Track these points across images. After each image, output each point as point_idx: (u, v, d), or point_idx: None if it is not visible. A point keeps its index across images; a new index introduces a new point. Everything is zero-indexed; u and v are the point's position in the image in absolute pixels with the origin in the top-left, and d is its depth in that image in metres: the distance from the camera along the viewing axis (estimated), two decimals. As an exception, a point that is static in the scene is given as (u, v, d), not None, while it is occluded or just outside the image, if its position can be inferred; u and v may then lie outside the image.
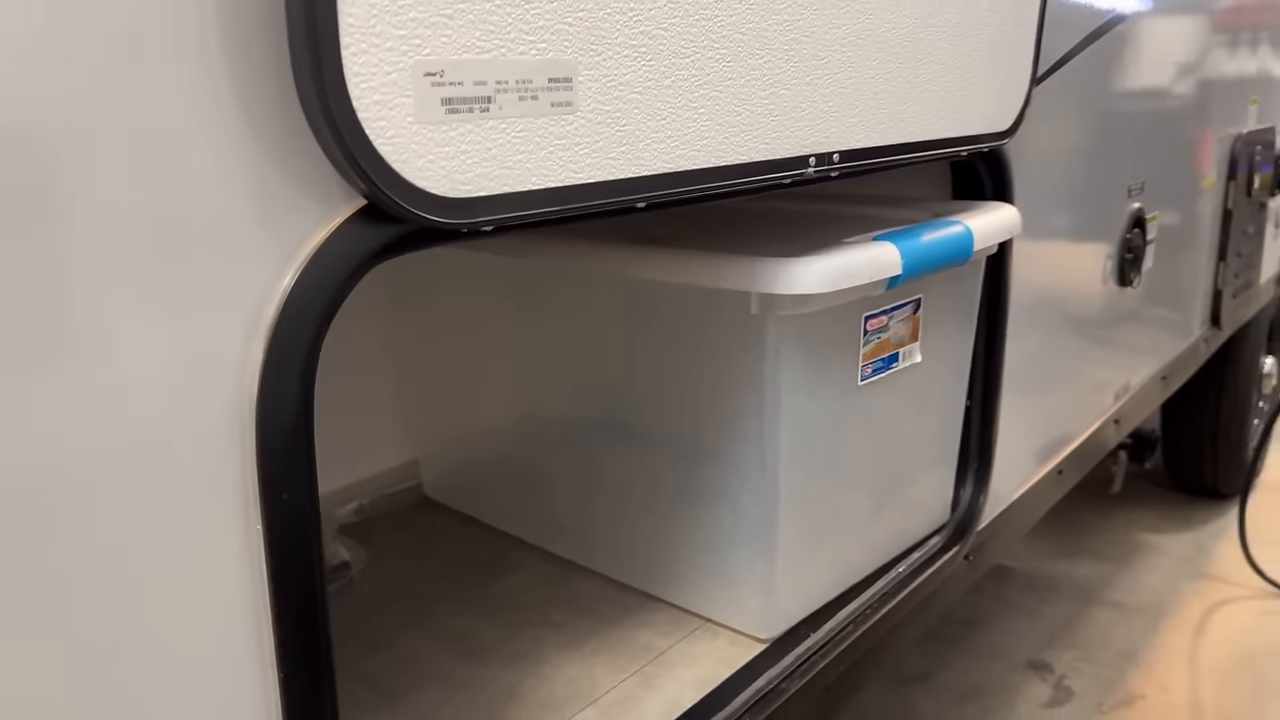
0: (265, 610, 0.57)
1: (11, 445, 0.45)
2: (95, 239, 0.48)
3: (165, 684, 0.54)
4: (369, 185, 0.56)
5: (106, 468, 0.50)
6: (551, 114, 0.64)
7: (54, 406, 0.47)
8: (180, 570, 0.54)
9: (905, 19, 0.97)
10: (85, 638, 0.49)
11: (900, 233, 1.08)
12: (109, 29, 0.47)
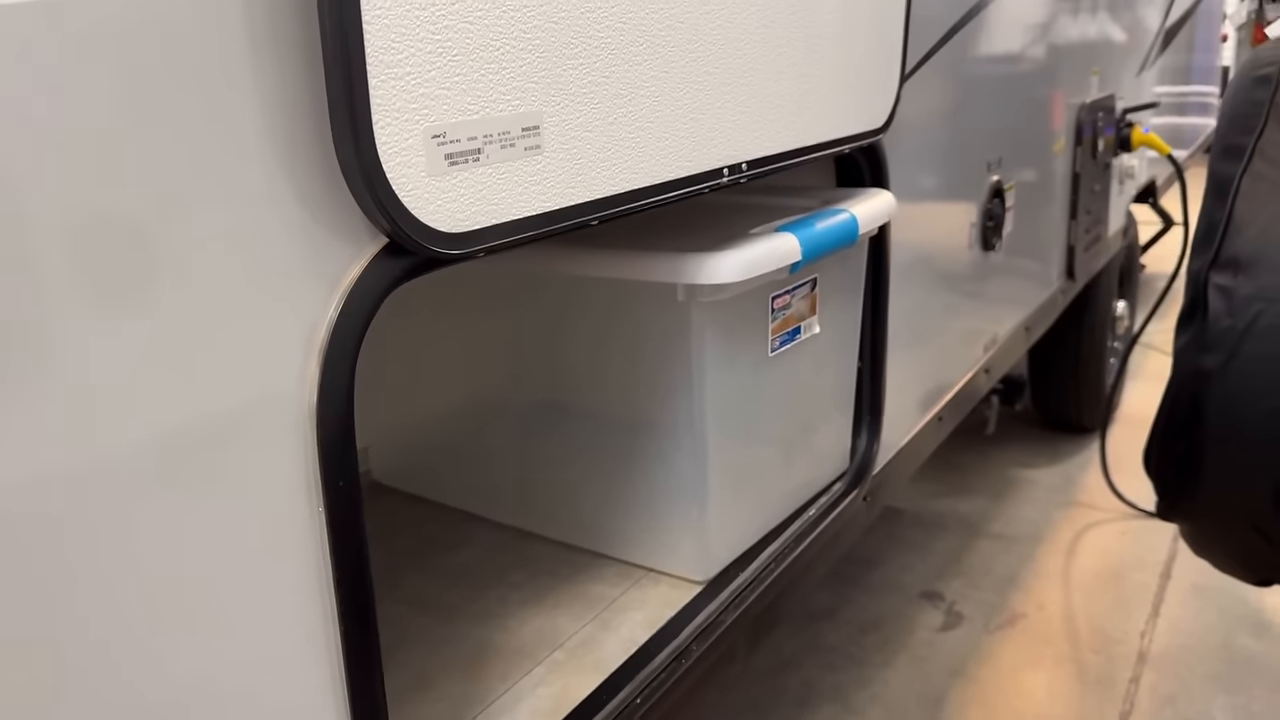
0: (328, 575, 0.72)
1: (150, 437, 0.58)
2: (201, 290, 0.62)
3: (253, 628, 0.68)
4: (393, 227, 0.70)
5: (210, 461, 0.64)
6: (525, 156, 0.79)
7: (178, 412, 0.60)
8: (265, 543, 0.68)
9: (794, 44, 1.15)
10: (197, 581, 0.63)
11: (798, 223, 1.26)
12: (196, 120, 0.60)
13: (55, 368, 0.54)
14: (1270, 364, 1.47)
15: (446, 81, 0.71)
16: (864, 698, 2.38)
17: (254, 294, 0.65)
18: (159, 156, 0.58)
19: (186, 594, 0.64)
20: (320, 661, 0.72)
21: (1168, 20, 3.60)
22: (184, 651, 0.64)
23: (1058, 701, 2.33)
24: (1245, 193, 1.51)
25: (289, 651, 0.70)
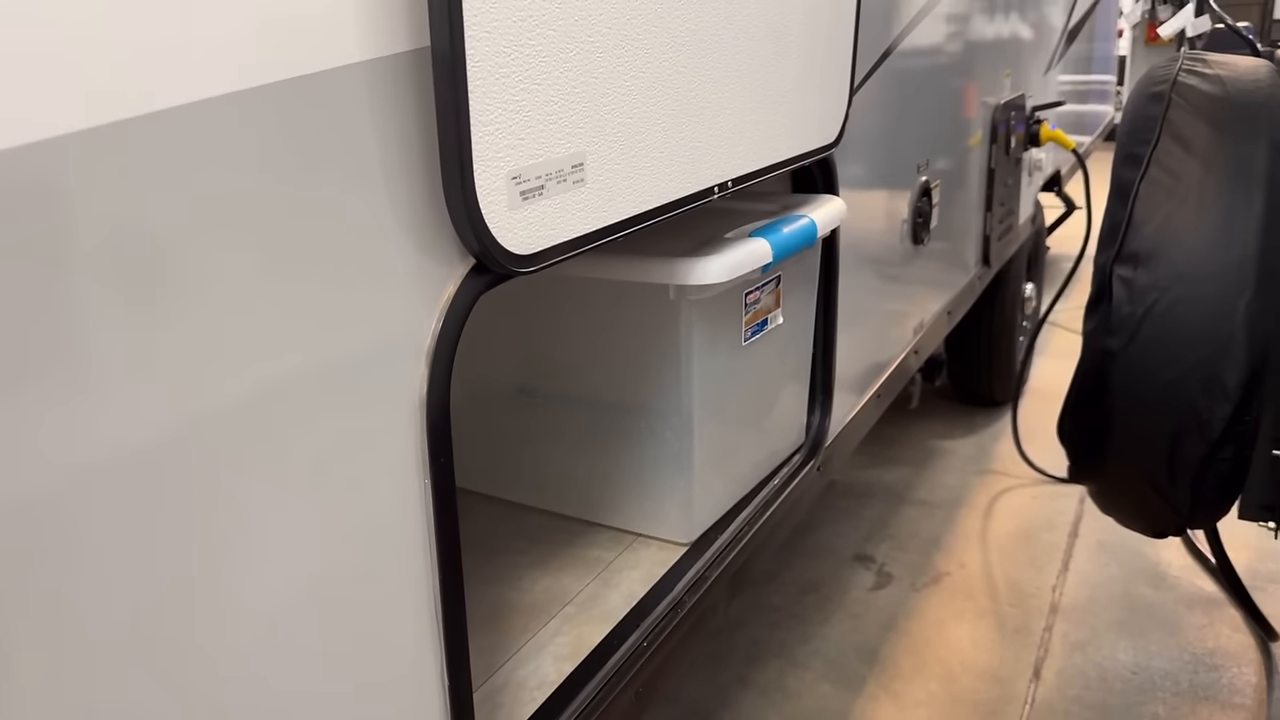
0: (432, 535, 0.89)
1: (313, 424, 0.75)
2: (344, 320, 0.78)
3: (377, 568, 0.85)
4: (483, 250, 0.87)
5: (348, 444, 0.81)
6: (574, 189, 0.97)
7: (332, 403, 0.77)
8: (388, 504, 0.85)
9: (768, 76, 1.33)
10: (341, 526, 0.80)
11: (767, 229, 1.46)
12: (345, 188, 0.76)
13: (278, 388, 0.70)
14: (1165, 344, 1.72)
15: (522, 134, 0.88)
16: (806, 652, 2.61)
17: (382, 320, 0.81)
18: (318, 212, 0.74)
19: (332, 538, 0.80)
20: (424, 598, 0.89)
21: (1070, 20, 3.89)
22: (328, 584, 0.80)
23: (980, 650, 2.59)
24: (1143, 196, 1.75)
25: (406, 587, 0.88)
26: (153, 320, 0.63)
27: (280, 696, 0.77)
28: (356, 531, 0.82)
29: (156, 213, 0.63)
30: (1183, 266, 1.69)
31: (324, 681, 0.81)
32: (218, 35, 0.65)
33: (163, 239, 0.64)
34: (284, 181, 0.71)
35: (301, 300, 0.74)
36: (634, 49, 1.02)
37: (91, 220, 0.59)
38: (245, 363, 0.70)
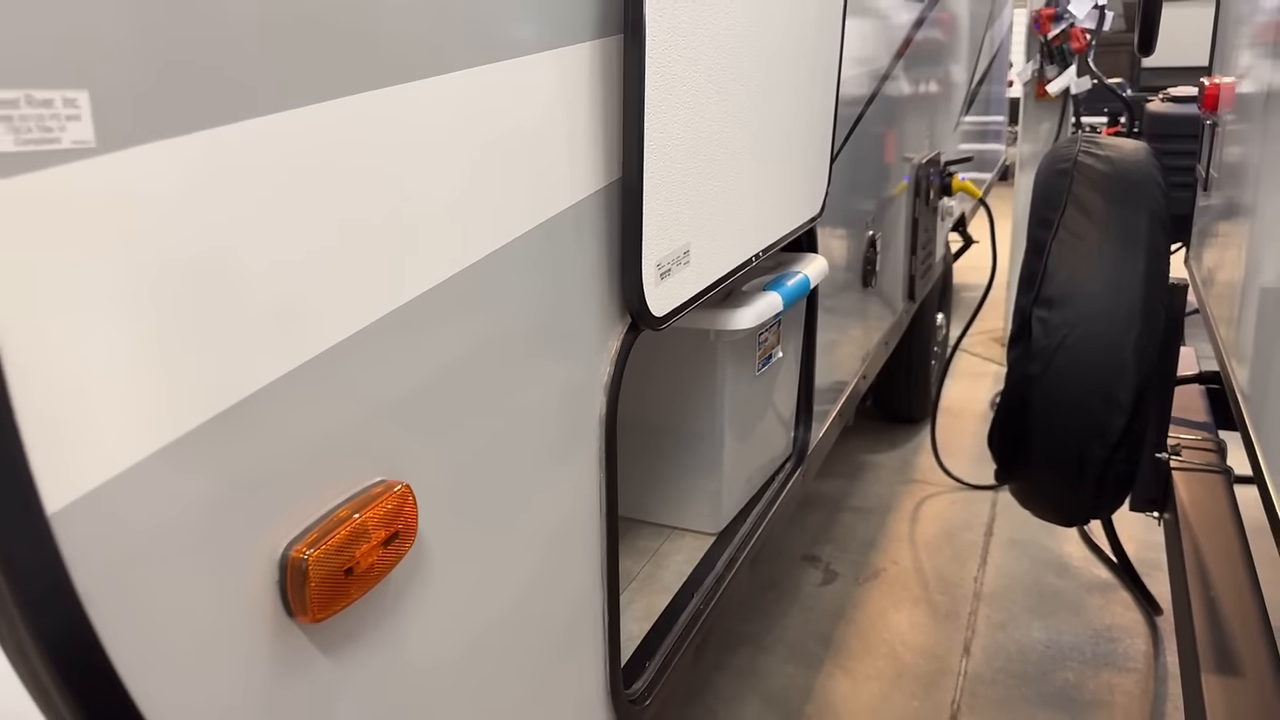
0: (604, 510, 1.28)
1: (544, 433, 1.14)
2: (570, 361, 1.17)
3: (571, 534, 1.24)
4: (639, 313, 1.27)
5: (563, 445, 1.20)
6: (684, 268, 1.37)
7: (570, 401, 1.16)
8: (581, 494, 1.24)
9: (787, 167, 1.77)
10: (553, 503, 1.19)
11: (776, 283, 1.89)
12: (558, 277, 1.15)
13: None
14: (1073, 370, 2.20)
15: (666, 235, 1.29)
16: (771, 639, 3.04)
17: (581, 365, 1.21)
18: (555, 297, 1.14)
19: (549, 511, 1.19)
20: (598, 553, 1.29)
21: (972, 84, 4.46)
22: (544, 543, 1.19)
23: (918, 633, 3.06)
24: (1055, 253, 2.24)
25: (588, 543, 1.27)
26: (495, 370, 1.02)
27: (500, 650, 1.15)
28: (564, 504, 1.21)
29: (492, 308, 1.02)
30: (1086, 309, 2.18)
31: (533, 636, 1.19)
32: (510, 199, 1.04)
33: (498, 318, 1.02)
34: (542, 279, 1.11)
35: (545, 355, 1.14)
36: (720, 166, 1.44)
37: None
38: (515, 395, 1.09)
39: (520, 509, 1.12)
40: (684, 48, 1.24)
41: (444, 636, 0.98)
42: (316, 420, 0.77)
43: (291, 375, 0.73)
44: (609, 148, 1.18)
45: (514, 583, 1.12)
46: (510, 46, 0.98)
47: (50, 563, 0.59)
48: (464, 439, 0.98)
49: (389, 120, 0.81)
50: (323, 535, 0.76)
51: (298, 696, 0.78)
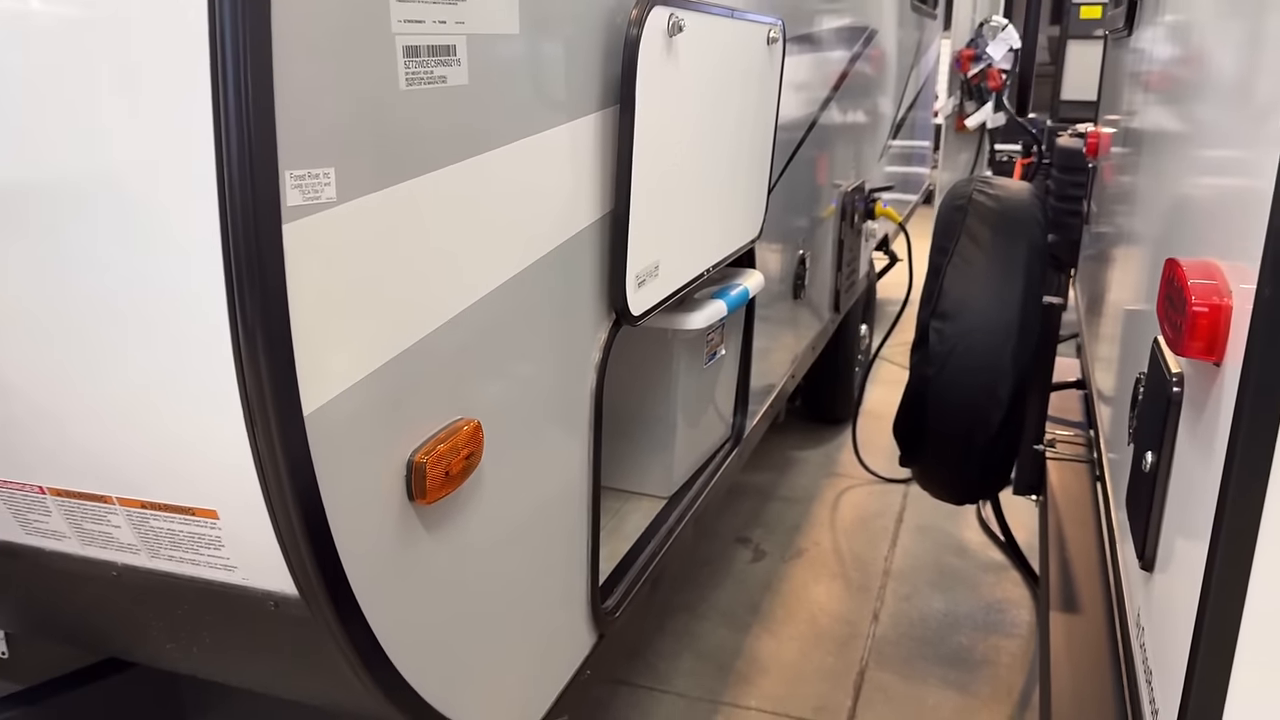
0: (591, 455, 1.72)
1: (555, 405, 1.57)
2: (572, 347, 1.61)
3: (565, 473, 1.67)
4: (622, 311, 1.71)
5: (568, 410, 1.63)
6: (655, 280, 1.82)
7: (564, 395, 1.59)
8: (578, 442, 1.68)
9: (732, 193, 2.22)
10: (556, 456, 1.62)
11: (721, 292, 2.34)
12: (570, 298, 1.59)
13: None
14: (962, 372, 2.69)
15: (643, 253, 1.73)
16: (705, 607, 3.49)
17: (581, 350, 1.65)
18: (566, 303, 1.57)
19: (551, 462, 1.62)
20: (586, 497, 1.72)
21: (899, 113, 4.98)
22: (551, 486, 1.62)
23: (834, 602, 3.53)
24: (949, 275, 2.74)
25: (578, 489, 1.70)
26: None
27: (524, 543, 1.58)
28: (563, 455, 1.65)
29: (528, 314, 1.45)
30: (973, 322, 2.67)
31: (543, 539, 1.63)
32: (545, 224, 1.48)
33: (535, 308, 1.45)
34: (562, 281, 1.54)
35: (559, 338, 1.57)
36: (682, 201, 1.89)
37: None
38: (540, 364, 1.52)
39: (539, 447, 1.55)
40: (660, 115, 1.69)
41: (493, 524, 1.42)
42: (436, 373, 1.20)
43: (424, 339, 1.17)
44: (604, 188, 1.62)
45: (534, 497, 1.56)
46: (546, 122, 1.42)
47: (301, 449, 1.01)
48: (508, 393, 1.42)
49: (485, 172, 1.25)
50: (433, 448, 1.19)
51: (412, 546, 1.21)
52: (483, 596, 1.44)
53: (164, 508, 1.07)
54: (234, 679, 1.39)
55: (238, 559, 1.08)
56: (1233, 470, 1.00)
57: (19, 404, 1.07)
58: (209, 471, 1.02)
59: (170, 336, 0.98)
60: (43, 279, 1.00)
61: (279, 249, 0.93)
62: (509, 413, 1.42)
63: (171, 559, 1.11)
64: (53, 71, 0.94)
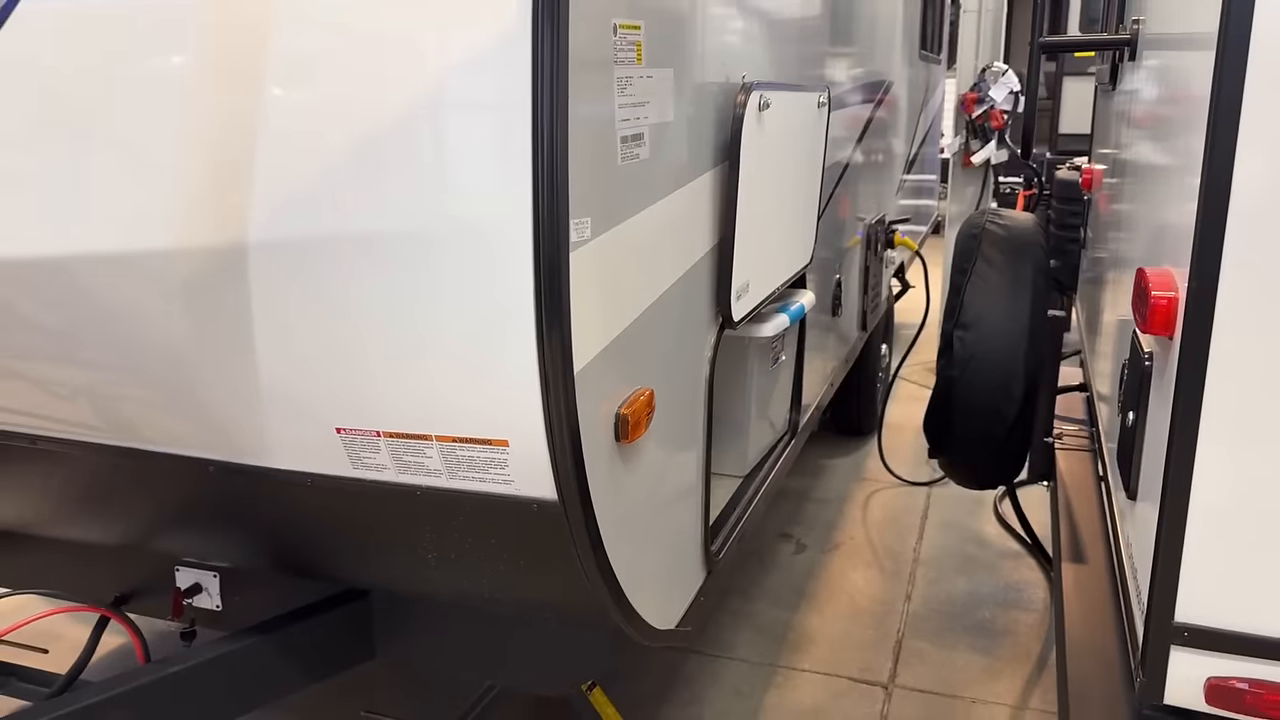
0: (706, 424, 2.33)
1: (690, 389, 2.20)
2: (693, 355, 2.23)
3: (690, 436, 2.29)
4: (727, 318, 2.33)
5: (694, 387, 2.25)
6: (746, 295, 2.44)
7: (694, 384, 2.22)
8: (698, 411, 2.29)
9: (793, 231, 2.85)
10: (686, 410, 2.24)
11: (784, 308, 2.97)
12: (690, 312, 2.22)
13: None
14: (980, 374, 3.31)
15: (740, 275, 2.35)
16: (757, 591, 4.09)
17: (700, 349, 2.27)
18: (692, 316, 2.19)
19: (689, 398, 2.24)
20: (702, 435, 2.33)
21: (911, 150, 5.64)
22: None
23: (871, 586, 4.13)
24: (968, 292, 3.37)
25: (700, 426, 2.32)
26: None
27: (670, 488, 2.18)
28: (690, 424, 2.26)
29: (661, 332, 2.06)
30: (989, 330, 3.30)
31: (677, 487, 2.23)
32: (686, 249, 2.10)
33: (679, 309, 2.06)
34: (695, 290, 2.16)
35: (691, 333, 2.19)
36: (764, 235, 2.52)
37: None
38: (681, 352, 2.13)
39: (679, 415, 2.17)
40: (753, 168, 2.32)
41: (656, 465, 2.05)
42: (631, 352, 1.83)
43: (627, 328, 1.79)
44: (714, 225, 2.25)
45: (676, 451, 2.17)
46: (686, 178, 2.05)
47: (571, 398, 1.62)
48: (664, 372, 2.04)
49: (656, 214, 1.89)
50: (631, 405, 1.81)
51: (616, 471, 1.83)
52: (650, 518, 2.05)
53: (468, 440, 1.67)
54: (474, 584, 1.99)
55: (516, 475, 1.69)
56: (1177, 411, 1.62)
57: (371, 374, 1.68)
58: (508, 413, 1.63)
59: (491, 326, 1.59)
60: (401, 293, 1.62)
61: (566, 269, 1.55)
62: (665, 386, 2.04)
63: (467, 479, 1.72)
64: (420, 150, 1.56)
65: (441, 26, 1.51)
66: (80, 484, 2.20)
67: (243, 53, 1.51)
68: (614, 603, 1.86)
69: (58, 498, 2.31)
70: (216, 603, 2.51)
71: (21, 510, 2.39)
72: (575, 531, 1.72)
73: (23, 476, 2.23)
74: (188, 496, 2.04)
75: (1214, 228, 1.55)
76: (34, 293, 1.67)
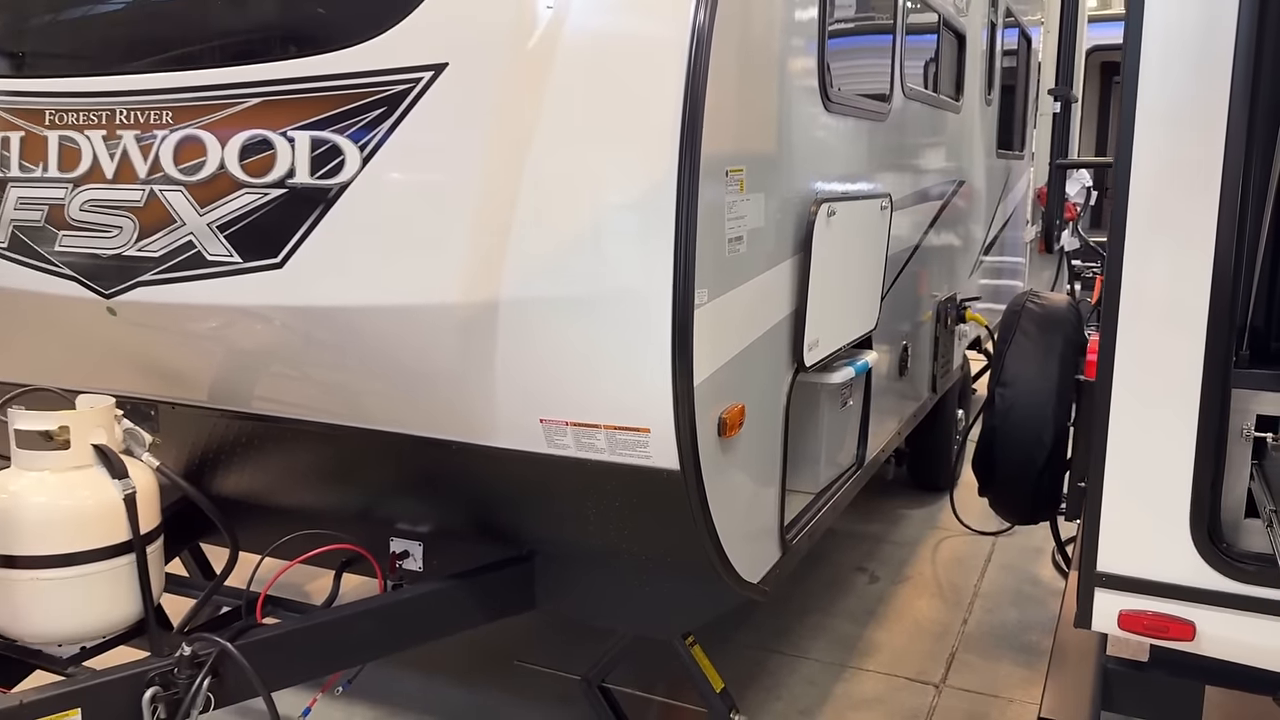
0: (783, 442, 3.40)
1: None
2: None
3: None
4: (801, 363, 3.41)
5: (773, 416, 3.33)
6: (816, 348, 3.52)
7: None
8: (775, 434, 3.37)
9: (857, 297, 3.94)
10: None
11: (851, 363, 4.05)
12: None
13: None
14: (1017, 424, 4.32)
15: (810, 333, 3.44)
16: (833, 609, 5.11)
17: (781, 384, 3.35)
18: (775, 349, 3.29)
19: (768, 425, 3.31)
20: (780, 445, 3.40)
21: (989, 236, 6.68)
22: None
23: (933, 611, 5.12)
24: (1009, 357, 4.39)
25: (777, 442, 3.39)
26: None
27: (753, 487, 3.25)
28: (771, 434, 3.33)
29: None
30: (1024, 388, 4.32)
31: (761, 488, 3.30)
32: (770, 310, 3.20)
33: (763, 356, 3.15)
34: (775, 343, 3.25)
35: (772, 373, 3.28)
36: (832, 301, 3.61)
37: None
38: (764, 387, 3.22)
39: (762, 427, 3.25)
40: (824, 259, 3.43)
41: (746, 458, 3.12)
42: (731, 376, 2.93)
43: (730, 360, 2.90)
44: (793, 295, 3.35)
45: (761, 451, 3.24)
46: (771, 264, 3.17)
47: (692, 402, 2.73)
48: (753, 394, 3.14)
49: (750, 288, 3.01)
50: (729, 411, 2.91)
51: (717, 456, 2.92)
52: (741, 496, 3.14)
53: (624, 428, 2.78)
54: (617, 538, 3.07)
55: (654, 452, 2.78)
56: (1095, 430, 2.67)
57: (564, 384, 2.80)
58: (651, 411, 2.74)
59: (643, 355, 2.72)
60: (589, 333, 2.75)
61: (692, 321, 2.67)
62: (753, 404, 3.14)
63: (621, 455, 2.82)
64: (606, 244, 2.71)
65: (628, 168, 2.68)
66: (343, 463, 3.37)
67: (507, 173, 2.67)
68: (713, 549, 2.93)
69: (319, 475, 3.50)
70: (419, 565, 3.65)
71: (289, 485, 3.59)
72: (690, 492, 2.80)
73: (295, 456, 3.43)
74: (428, 469, 3.20)
75: (1111, 313, 2.62)
76: (353, 328, 2.85)
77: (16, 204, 3.04)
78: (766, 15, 3.07)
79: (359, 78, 2.65)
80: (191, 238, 2.82)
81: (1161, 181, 2.58)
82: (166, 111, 2.81)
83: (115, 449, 2.86)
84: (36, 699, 2.63)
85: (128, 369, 3.29)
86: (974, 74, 5.88)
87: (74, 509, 2.77)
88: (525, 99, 2.65)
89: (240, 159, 2.77)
